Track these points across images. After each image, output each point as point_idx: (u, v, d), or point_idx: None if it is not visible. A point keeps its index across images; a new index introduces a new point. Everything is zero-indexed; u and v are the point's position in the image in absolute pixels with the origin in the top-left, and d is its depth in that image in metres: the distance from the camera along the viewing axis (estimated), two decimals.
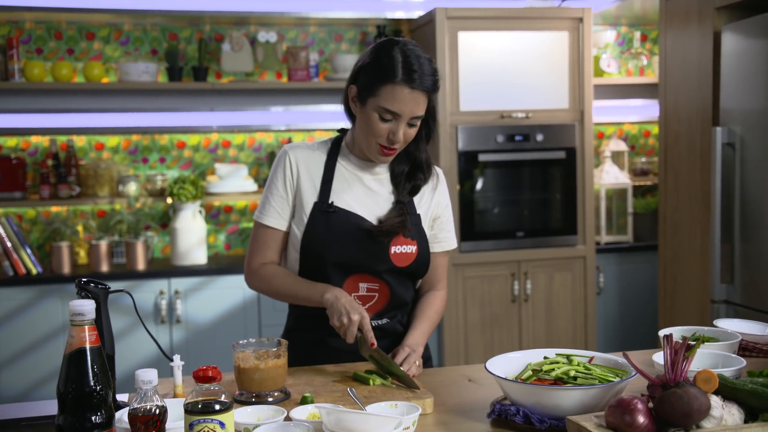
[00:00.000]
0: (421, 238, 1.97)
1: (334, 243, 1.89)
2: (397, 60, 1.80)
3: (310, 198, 1.93)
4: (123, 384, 2.28)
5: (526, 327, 4.16)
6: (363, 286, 1.93)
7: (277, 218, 1.95)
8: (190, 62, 4.34)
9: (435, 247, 2.03)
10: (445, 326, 4.04)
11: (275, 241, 1.96)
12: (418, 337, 1.95)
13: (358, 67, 1.88)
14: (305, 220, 1.91)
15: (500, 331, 4.12)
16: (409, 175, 1.97)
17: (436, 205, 2.02)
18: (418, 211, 1.98)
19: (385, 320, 1.97)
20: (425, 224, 1.99)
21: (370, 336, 1.78)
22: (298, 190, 1.94)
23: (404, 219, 1.92)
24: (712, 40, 3.34)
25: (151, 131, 4.28)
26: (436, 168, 2.05)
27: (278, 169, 1.95)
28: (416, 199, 1.99)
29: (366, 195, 1.95)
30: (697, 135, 3.49)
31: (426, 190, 2.01)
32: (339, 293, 1.83)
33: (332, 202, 1.92)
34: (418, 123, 1.87)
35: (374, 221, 1.93)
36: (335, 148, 1.97)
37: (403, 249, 1.93)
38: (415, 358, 1.85)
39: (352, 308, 1.79)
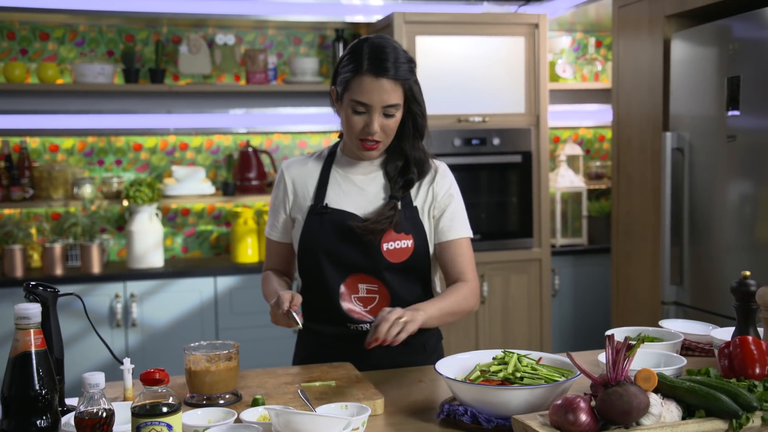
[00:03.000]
0: (417, 232, 1.93)
1: (327, 242, 1.92)
2: (364, 53, 1.84)
3: (306, 205, 1.97)
4: (76, 388, 2.25)
5: (482, 329, 4.20)
6: (362, 287, 1.94)
7: (274, 230, 2.05)
8: (147, 64, 4.30)
9: (448, 235, 1.97)
10: None
11: (274, 251, 2.07)
12: (423, 305, 1.82)
13: (335, 67, 1.92)
14: (302, 224, 1.96)
15: (457, 334, 4.16)
16: (402, 171, 1.95)
17: (435, 196, 1.97)
18: (414, 204, 1.96)
19: None
20: (424, 217, 1.96)
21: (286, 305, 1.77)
22: (295, 203, 2.00)
23: (393, 214, 1.90)
24: (662, 48, 3.41)
25: (107, 133, 4.24)
26: (437, 162, 2.02)
27: (276, 187, 2.05)
28: (413, 192, 1.97)
29: (358, 194, 1.96)
30: (648, 140, 3.56)
31: (423, 184, 1.98)
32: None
33: (326, 204, 1.95)
34: (396, 113, 1.86)
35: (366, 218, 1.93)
36: (331, 155, 2.01)
37: (396, 245, 1.91)
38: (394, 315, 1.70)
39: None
